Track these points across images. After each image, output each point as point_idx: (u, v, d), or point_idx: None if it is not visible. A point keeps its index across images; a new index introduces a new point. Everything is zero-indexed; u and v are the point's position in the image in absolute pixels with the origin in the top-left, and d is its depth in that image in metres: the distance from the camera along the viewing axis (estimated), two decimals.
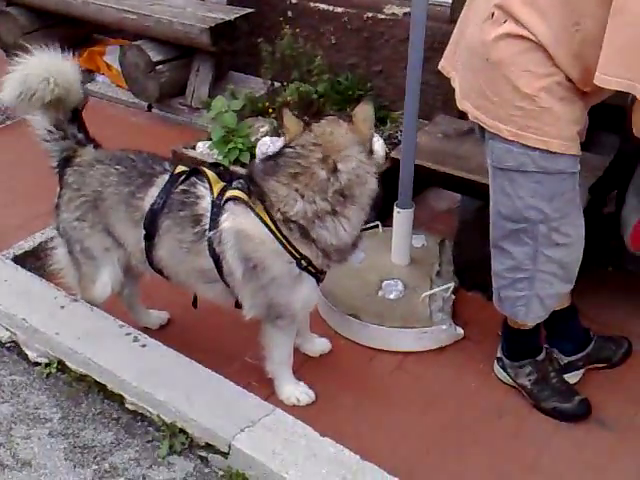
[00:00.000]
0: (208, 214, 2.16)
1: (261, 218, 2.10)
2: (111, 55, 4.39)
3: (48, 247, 2.77)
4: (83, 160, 2.35)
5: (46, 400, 2.36)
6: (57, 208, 2.40)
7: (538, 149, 2.00)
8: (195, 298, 2.43)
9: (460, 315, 2.76)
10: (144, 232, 2.24)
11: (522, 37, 1.91)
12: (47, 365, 2.45)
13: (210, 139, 3.30)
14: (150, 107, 4.13)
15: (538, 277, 2.20)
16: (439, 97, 3.49)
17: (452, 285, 2.76)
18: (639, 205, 2.37)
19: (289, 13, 3.89)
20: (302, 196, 2.07)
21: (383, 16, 3.66)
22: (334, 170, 2.05)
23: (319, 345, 2.63)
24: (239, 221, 2.13)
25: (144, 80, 3.93)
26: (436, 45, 3.25)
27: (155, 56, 3.87)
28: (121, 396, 2.29)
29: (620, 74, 1.77)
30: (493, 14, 1.95)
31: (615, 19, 1.75)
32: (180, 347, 2.41)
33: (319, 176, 2.05)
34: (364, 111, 2.11)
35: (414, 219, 2.82)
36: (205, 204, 2.18)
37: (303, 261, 2.13)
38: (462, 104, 2.14)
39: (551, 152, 2.00)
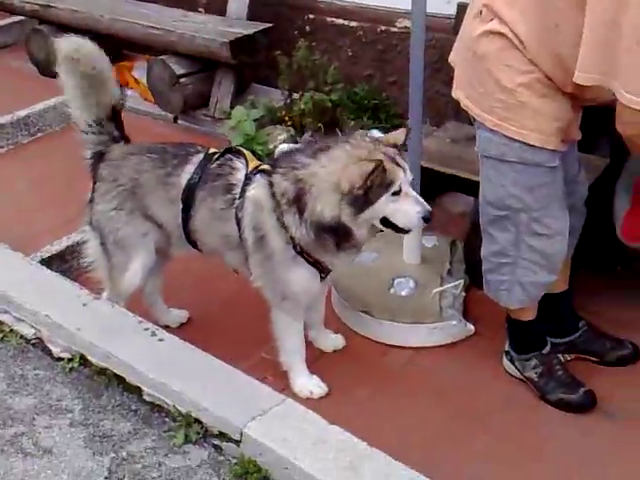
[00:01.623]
0: (240, 184, 2.25)
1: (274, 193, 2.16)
2: (139, 70, 4.44)
3: (75, 250, 2.81)
4: (115, 154, 2.43)
5: (68, 393, 2.37)
6: (91, 202, 2.46)
7: (518, 140, 2.03)
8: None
9: (471, 312, 2.73)
10: (181, 206, 2.31)
11: (503, 35, 1.95)
12: (70, 360, 2.46)
13: None
14: (176, 119, 4.16)
15: (520, 264, 2.23)
16: (450, 105, 3.46)
17: (462, 282, 2.74)
18: (628, 197, 2.34)
19: (307, 28, 3.92)
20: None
21: (395, 29, 3.67)
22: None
23: (333, 341, 2.62)
24: (259, 191, 2.21)
25: (169, 92, 3.97)
26: (446, 56, 3.25)
27: (179, 69, 3.92)
28: (139, 388, 2.30)
29: (596, 71, 1.79)
30: (481, 12, 2.00)
31: (589, 19, 1.77)
32: (199, 344, 2.41)
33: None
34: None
35: None
36: (240, 175, 2.27)
37: (298, 246, 2.17)
38: (456, 93, 2.19)
39: (529, 145, 2.03)
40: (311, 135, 3.25)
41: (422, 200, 2.14)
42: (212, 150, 2.36)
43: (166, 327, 2.60)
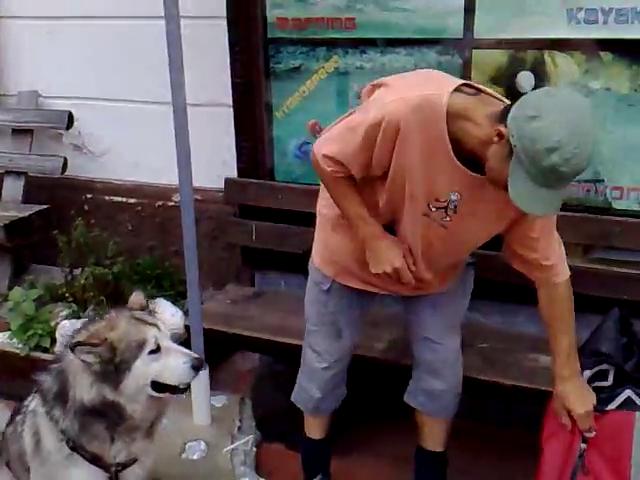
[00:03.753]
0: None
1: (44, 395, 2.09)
2: None
3: None
4: None
5: None
6: None
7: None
8: None
9: (264, 466, 2.76)
10: None
11: None
12: None
13: (9, 329, 3.21)
14: None
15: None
16: (232, 269, 3.61)
17: (251, 438, 2.78)
18: None
19: (85, 207, 3.95)
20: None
21: (172, 203, 3.78)
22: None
23: None
24: (35, 400, 2.15)
25: None
26: (222, 225, 3.42)
27: None
28: None
29: None
30: None
31: None
32: None
33: None
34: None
35: (219, 381, 2.87)
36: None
37: (70, 441, 2.03)
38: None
39: (315, 265, 2.34)
40: (93, 309, 3.21)
41: (186, 350, 2.03)
42: None
43: None
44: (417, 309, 2.36)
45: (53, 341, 3.12)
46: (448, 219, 2.04)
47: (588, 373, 2.18)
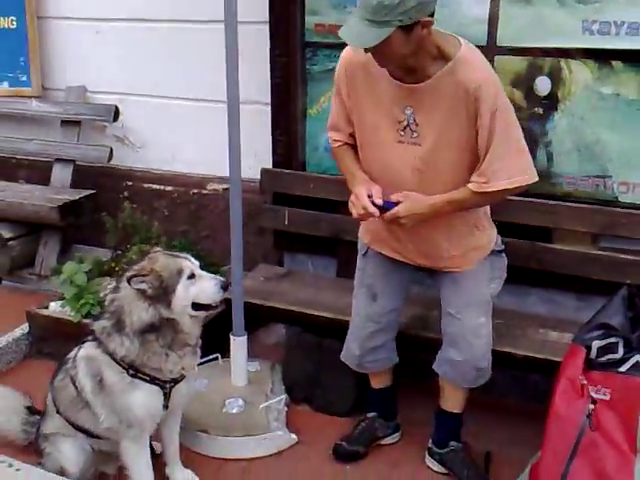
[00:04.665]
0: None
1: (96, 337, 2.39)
2: None
3: None
4: None
5: None
6: None
7: None
8: None
9: (293, 424, 2.98)
10: None
11: None
12: None
13: (62, 299, 3.44)
14: (0, 280, 4.18)
15: None
16: (259, 252, 3.84)
17: (284, 397, 3.01)
18: None
19: (125, 193, 4.19)
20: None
21: (206, 191, 4.03)
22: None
23: (186, 475, 2.67)
24: (86, 348, 2.44)
25: None
26: (252, 212, 3.66)
27: (7, 234, 4.04)
28: None
29: None
30: None
31: None
32: None
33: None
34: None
35: (249, 351, 3.09)
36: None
37: (131, 369, 2.33)
38: None
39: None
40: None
41: (215, 275, 2.39)
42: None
43: None
44: (441, 285, 2.61)
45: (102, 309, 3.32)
46: (416, 134, 2.27)
47: (597, 343, 2.35)
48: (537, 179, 2.32)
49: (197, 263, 2.39)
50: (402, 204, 2.30)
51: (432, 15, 2.11)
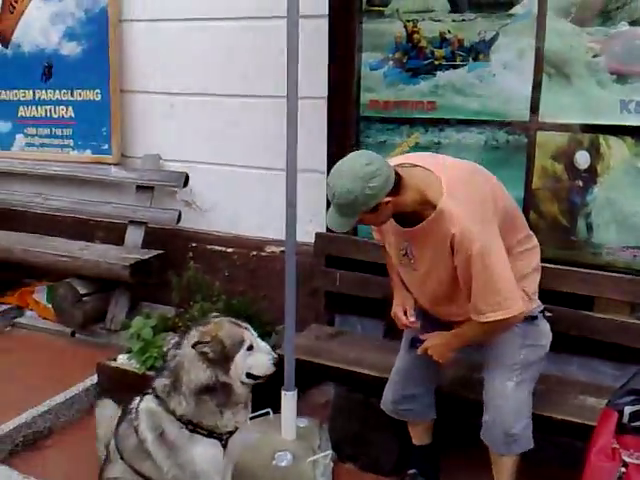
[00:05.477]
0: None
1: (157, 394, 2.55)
2: (39, 293, 4.82)
3: None
4: None
5: None
6: None
7: None
8: None
9: None
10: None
11: None
12: None
13: (129, 352, 3.66)
14: (74, 333, 4.46)
15: None
16: (312, 312, 3.99)
17: (330, 452, 3.12)
18: None
19: (191, 253, 4.43)
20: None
21: (265, 254, 4.23)
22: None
23: None
24: (147, 401, 2.58)
25: (71, 309, 4.34)
26: (306, 274, 3.82)
27: (82, 290, 4.34)
28: None
29: None
30: None
31: None
32: None
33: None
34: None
35: (299, 409, 3.22)
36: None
37: (190, 425, 2.48)
38: None
39: None
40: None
41: (270, 349, 2.54)
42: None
43: None
44: (480, 348, 2.72)
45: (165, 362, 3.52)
46: (413, 262, 2.60)
47: (629, 409, 2.41)
48: (523, 310, 2.47)
49: (255, 334, 2.54)
50: (427, 341, 2.67)
51: (396, 188, 2.36)
